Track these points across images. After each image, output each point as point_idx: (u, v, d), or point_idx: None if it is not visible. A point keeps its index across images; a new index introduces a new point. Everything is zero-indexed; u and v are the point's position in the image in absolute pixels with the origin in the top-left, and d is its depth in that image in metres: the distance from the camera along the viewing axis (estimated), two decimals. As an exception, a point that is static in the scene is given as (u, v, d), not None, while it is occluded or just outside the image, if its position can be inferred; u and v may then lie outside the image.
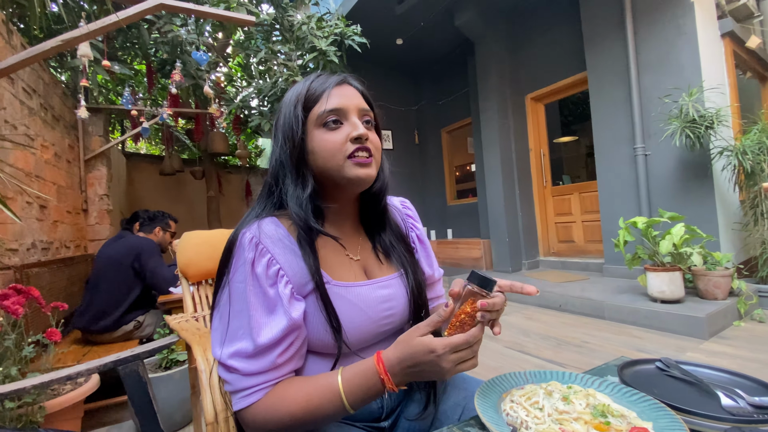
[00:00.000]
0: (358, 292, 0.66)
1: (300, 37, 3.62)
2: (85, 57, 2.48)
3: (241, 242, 0.61)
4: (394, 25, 5.22)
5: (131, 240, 2.27)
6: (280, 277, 0.60)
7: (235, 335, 0.58)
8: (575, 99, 6.41)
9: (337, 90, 0.66)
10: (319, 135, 0.65)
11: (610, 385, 0.60)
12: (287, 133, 0.66)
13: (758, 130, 3.10)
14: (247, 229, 0.62)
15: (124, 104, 3.03)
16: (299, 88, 0.68)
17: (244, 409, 0.58)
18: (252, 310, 0.58)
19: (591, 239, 4.61)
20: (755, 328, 2.67)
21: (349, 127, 0.65)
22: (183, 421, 1.84)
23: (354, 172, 0.64)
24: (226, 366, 0.58)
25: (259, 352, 0.57)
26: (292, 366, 0.61)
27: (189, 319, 1.13)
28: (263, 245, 0.60)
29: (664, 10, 3.49)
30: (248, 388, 0.57)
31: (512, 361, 2.44)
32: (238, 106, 4.09)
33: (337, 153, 0.64)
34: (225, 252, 0.64)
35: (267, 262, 0.59)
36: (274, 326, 0.57)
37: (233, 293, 0.60)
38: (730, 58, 3.80)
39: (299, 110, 0.66)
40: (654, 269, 2.89)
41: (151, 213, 2.55)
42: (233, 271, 0.61)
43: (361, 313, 0.65)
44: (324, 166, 0.65)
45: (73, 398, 1.44)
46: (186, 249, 1.26)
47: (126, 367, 1.00)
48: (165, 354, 1.84)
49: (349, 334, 0.63)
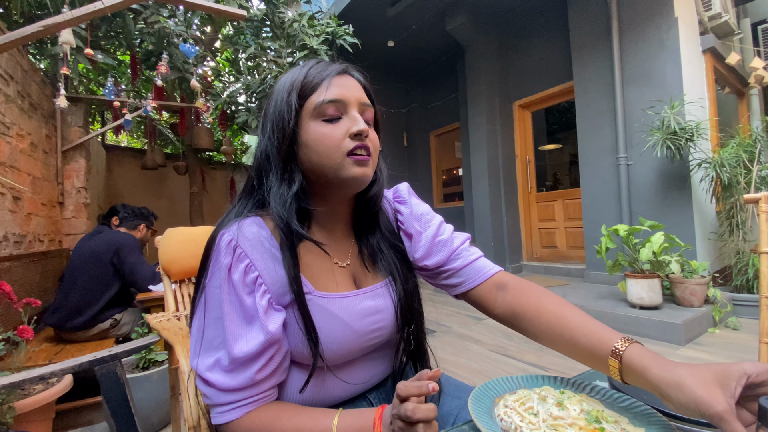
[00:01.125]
0: (343, 304, 0.61)
1: (291, 34, 3.58)
2: (67, 44, 2.39)
3: (218, 245, 0.56)
4: (386, 27, 5.23)
5: (111, 235, 2.19)
6: (257, 285, 0.55)
7: (211, 344, 0.55)
8: (561, 108, 6.54)
9: (338, 79, 0.60)
10: (315, 128, 0.59)
11: (601, 390, 0.60)
12: (277, 123, 0.60)
13: (735, 144, 3.22)
14: (226, 230, 0.57)
15: (106, 95, 2.94)
16: (295, 74, 0.62)
17: (224, 424, 0.54)
18: (227, 320, 0.53)
19: (573, 245, 4.70)
20: (729, 335, 2.76)
21: (348, 121, 0.59)
22: (160, 423, 1.79)
23: (351, 171, 0.58)
24: (203, 379, 0.54)
25: (235, 367, 0.53)
26: (273, 381, 0.57)
27: (171, 318, 1.09)
28: (242, 249, 0.55)
29: (649, 24, 3.59)
30: (226, 404, 0.54)
31: (496, 364, 2.46)
32: (225, 101, 4.02)
33: (335, 149, 0.58)
34: (203, 254, 0.60)
35: (245, 269, 0.55)
36: (251, 339, 0.53)
37: (209, 299, 0.56)
38: (710, 73, 3.94)
39: (293, 98, 0.59)
40: (634, 276, 2.96)
41: (135, 209, 2.45)
42: (210, 276, 0.56)
43: (344, 327, 0.60)
44: (318, 163, 0.59)
45: (45, 399, 1.38)
46: (168, 246, 1.22)
47: (103, 368, 0.96)
48: (143, 354, 1.78)
49: (331, 349, 0.59)
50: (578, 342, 0.59)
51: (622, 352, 0.52)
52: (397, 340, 0.69)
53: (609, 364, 0.54)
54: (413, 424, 0.47)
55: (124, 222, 2.39)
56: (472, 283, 0.73)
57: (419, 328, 0.71)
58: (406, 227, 0.74)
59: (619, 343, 0.53)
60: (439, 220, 0.78)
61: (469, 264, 0.74)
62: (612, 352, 0.53)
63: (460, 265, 0.73)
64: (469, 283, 0.73)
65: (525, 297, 0.67)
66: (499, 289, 0.71)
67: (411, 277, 0.71)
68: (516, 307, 0.67)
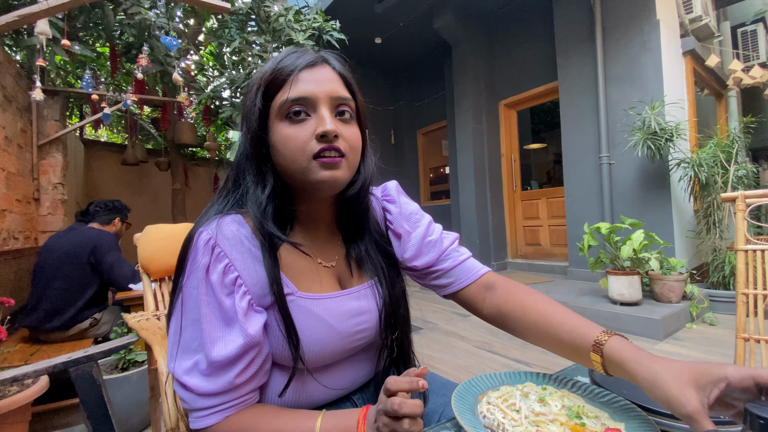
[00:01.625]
0: (327, 305, 0.59)
1: (276, 28, 3.53)
2: (43, 35, 2.31)
3: (196, 243, 0.54)
4: (374, 24, 5.20)
5: (86, 233, 2.09)
6: (237, 286, 0.53)
7: (188, 347, 0.53)
8: (546, 107, 6.64)
9: (307, 73, 0.56)
10: (281, 129, 0.55)
11: (583, 385, 0.61)
12: (247, 122, 0.58)
13: (713, 145, 3.31)
14: (204, 228, 0.54)
15: (84, 87, 2.84)
16: (266, 68, 0.58)
17: (202, 429, 0.53)
18: (205, 322, 0.51)
19: (557, 243, 4.78)
20: (706, 330, 2.85)
21: (316, 121, 0.55)
22: (140, 425, 1.75)
23: (318, 175, 0.54)
24: (181, 383, 0.52)
25: (214, 371, 0.51)
26: (253, 385, 0.55)
27: (150, 317, 1.06)
28: (221, 248, 0.53)
29: (632, 26, 3.66)
30: (205, 408, 0.52)
31: (481, 360, 2.48)
32: (208, 96, 3.94)
33: (300, 152, 0.54)
34: (180, 253, 0.57)
35: (223, 269, 0.52)
36: (230, 342, 0.51)
37: (186, 300, 0.53)
38: (690, 75, 4.04)
39: (258, 97, 0.56)
40: (615, 273, 3.03)
41: (107, 202, 2.32)
42: (187, 276, 0.54)
43: (328, 329, 0.58)
44: (286, 166, 0.56)
45: (20, 401, 1.33)
46: (148, 243, 1.19)
47: (78, 369, 0.93)
48: (122, 354, 1.74)
49: (313, 351, 0.57)
50: (562, 338, 0.59)
51: (603, 346, 0.53)
52: (380, 344, 0.68)
53: (591, 359, 0.54)
54: (399, 419, 0.47)
55: (96, 217, 2.27)
56: (461, 284, 0.72)
57: (404, 335, 0.70)
58: (395, 227, 0.73)
59: (600, 337, 0.54)
60: (428, 220, 0.77)
61: (458, 265, 0.73)
62: (593, 346, 0.54)
63: (449, 266, 0.72)
64: (458, 284, 0.72)
65: (511, 296, 0.67)
66: (487, 290, 0.71)
67: (398, 282, 0.69)
68: (502, 307, 0.68)
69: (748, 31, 5.58)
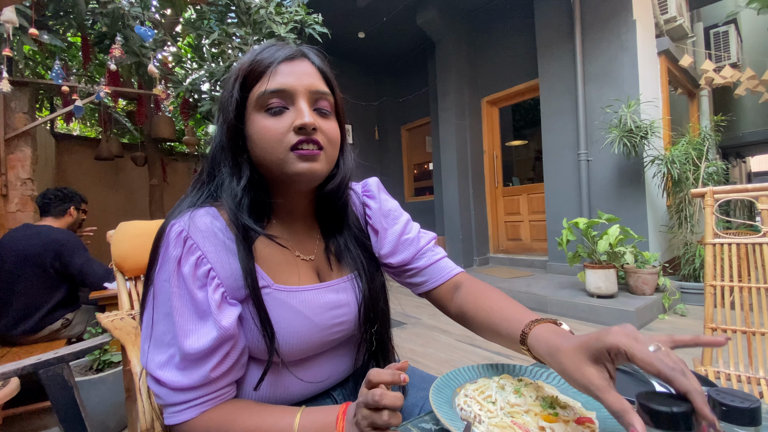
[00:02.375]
0: (304, 297, 0.59)
1: (257, 21, 3.46)
2: (9, 23, 2.20)
3: (168, 235, 0.53)
4: (357, 18, 5.16)
5: (46, 234, 1.92)
6: (210, 279, 0.52)
7: (161, 341, 0.52)
8: (527, 105, 6.72)
9: (286, 66, 0.56)
10: (259, 120, 0.55)
11: (557, 376, 0.62)
12: (224, 114, 0.58)
13: (685, 142, 3.43)
14: (177, 221, 0.54)
15: (53, 78, 2.73)
16: (245, 60, 0.58)
17: (177, 425, 0.51)
18: (177, 315, 0.50)
19: (537, 238, 4.87)
20: (677, 320, 2.96)
21: (294, 113, 0.55)
22: (117, 427, 1.71)
23: (295, 167, 0.54)
24: (155, 378, 0.51)
25: (188, 364, 0.50)
26: (230, 378, 0.54)
27: (124, 316, 1.03)
28: (193, 241, 0.52)
29: (610, 25, 3.74)
30: (180, 403, 0.51)
31: (463, 353, 2.52)
32: (187, 89, 3.83)
33: (277, 144, 0.54)
34: (153, 245, 0.56)
35: (196, 261, 0.52)
36: (203, 335, 0.50)
37: (158, 293, 0.53)
38: (664, 74, 4.16)
39: (236, 88, 0.56)
40: (592, 266, 3.11)
41: (57, 191, 2.12)
42: (159, 268, 0.53)
43: (305, 321, 0.58)
44: (263, 158, 0.56)
45: (-14, 405, 1.28)
46: (122, 240, 1.16)
47: (48, 371, 0.89)
48: (97, 355, 1.69)
49: (290, 344, 0.57)
50: (502, 331, 0.60)
51: (527, 337, 0.54)
52: (359, 338, 0.68)
53: (523, 351, 0.56)
54: (379, 410, 0.47)
55: (50, 210, 2.08)
56: (434, 283, 0.73)
57: (383, 329, 0.70)
58: (374, 222, 0.73)
59: (526, 328, 0.55)
60: (406, 218, 0.77)
61: (432, 264, 0.74)
62: (521, 337, 0.55)
63: (423, 265, 0.73)
64: (431, 283, 0.73)
65: (470, 295, 0.69)
66: (455, 290, 0.72)
67: (378, 276, 0.70)
68: (462, 306, 0.69)
69: (720, 32, 5.79)
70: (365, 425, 0.47)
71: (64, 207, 2.12)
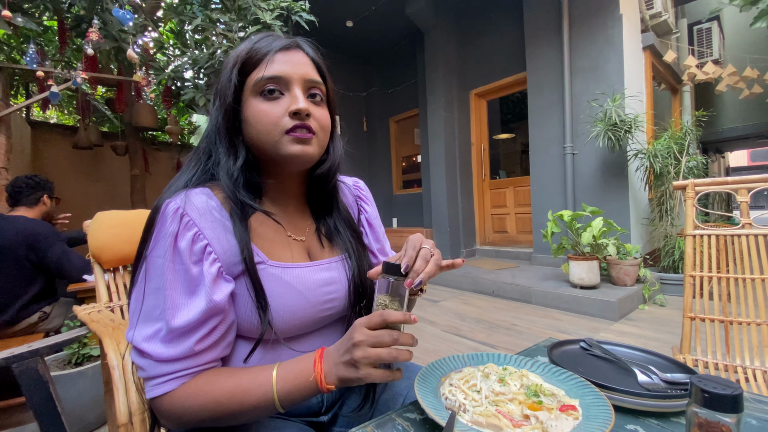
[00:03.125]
0: (297, 274, 0.61)
1: (242, 7, 3.37)
2: (-23, 4, 2.10)
3: (164, 213, 0.54)
4: (345, 6, 5.07)
5: (17, 225, 1.83)
6: (206, 253, 0.54)
7: (149, 316, 0.52)
8: (515, 98, 6.75)
9: (282, 55, 0.59)
10: (255, 104, 0.58)
11: (542, 365, 0.63)
12: (221, 97, 0.60)
13: (668, 137, 3.49)
14: (172, 199, 0.55)
15: (27, 63, 2.61)
16: (242, 48, 0.61)
17: (159, 397, 0.52)
18: (169, 288, 0.52)
19: (522, 230, 4.93)
20: (657, 311, 3.04)
21: (289, 99, 0.59)
22: (97, 421, 1.67)
23: (289, 149, 0.58)
24: (139, 350, 0.52)
25: (174, 337, 0.51)
26: (213, 355, 0.55)
27: (102, 309, 1.00)
28: (189, 217, 0.54)
29: (597, 20, 3.76)
30: (162, 375, 0.52)
31: (448, 344, 2.54)
32: (169, 76, 3.72)
33: (273, 127, 0.57)
34: (146, 224, 0.57)
35: (192, 237, 0.53)
36: (192, 309, 0.51)
37: (150, 269, 0.53)
38: (649, 69, 4.22)
39: (234, 74, 0.59)
40: (576, 258, 3.16)
41: (28, 180, 2.02)
42: (153, 245, 0.54)
43: (299, 296, 0.60)
44: (258, 140, 0.59)
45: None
46: (99, 231, 1.12)
47: (21, 365, 0.86)
48: (75, 349, 1.65)
49: (283, 319, 0.59)
50: None
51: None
52: (349, 316, 0.70)
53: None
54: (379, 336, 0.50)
55: (21, 199, 1.99)
56: None
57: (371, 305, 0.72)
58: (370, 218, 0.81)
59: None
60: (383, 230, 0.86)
61: None
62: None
63: None
64: None
65: None
66: None
67: (365, 258, 0.73)
68: None
69: (703, 29, 5.89)
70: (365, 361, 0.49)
71: (36, 196, 2.03)
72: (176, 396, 0.52)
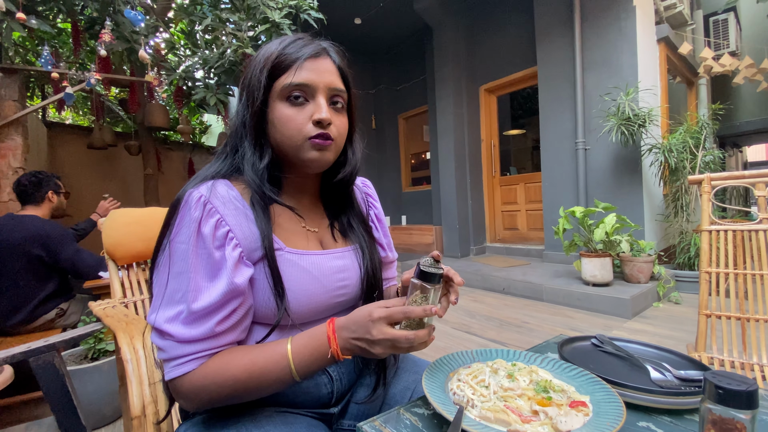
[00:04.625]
0: (313, 260, 0.64)
1: (251, 6, 3.39)
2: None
3: (187, 201, 0.57)
4: (353, 3, 5.07)
5: (30, 225, 1.86)
6: (228, 239, 0.56)
7: (172, 299, 0.54)
8: (525, 93, 6.66)
9: (310, 62, 0.62)
10: (281, 108, 0.61)
11: (551, 361, 0.62)
12: (249, 97, 0.63)
13: (683, 131, 3.41)
14: (195, 189, 0.58)
15: (42, 65, 2.67)
16: (271, 50, 0.63)
17: (178, 378, 0.53)
18: (192, 272, 0.54)
19: (533, 227, 4.88)
20: (672, 308, 2.98)
21: (313, 106, 0.61)
22: (113, 415, 1.71)
23: (309, 154, 0.62)
24: (160, 331, 0.54)
25: (196, 318, 0.53)
26: (232, 337, 0.57)
27: (116, 305, 1.02)
28: (212, 205, 0.56)
29: (609, 12, 3.69)
30: (183, 356, 0.53)
31: (458, 341, 2.53)
32: (180, 76, 3.77)
33: (297, 132, 0.61)
34: (168, 212, 0.60)
35: (215, 223, 0.56)
36: (213, 291, 0.53)
37: (174, 254, 0.55)
38: (663, 62, 4.12)
39: (264, 76, 0.61)
40: (588, 255, 3.12)
41: (31, 177, 2.03)
42: (176, 231, 0.56)
43: (315, 281, 0.63)
44: (282, 142, 0.62)
45: (-21, 394, 1.27)
46: (114, 229, 1.14)
47: (39, 359, 0.88)
48: (91, 343, 1.68)
49: (300, 303, 0.61)
50: None
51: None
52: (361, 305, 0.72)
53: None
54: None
55: (28, 197, 2.01)
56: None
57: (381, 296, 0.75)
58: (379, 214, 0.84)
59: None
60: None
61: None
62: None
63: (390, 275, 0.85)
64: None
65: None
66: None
67: (375, 250, 0.76)
68: None
69: (719, 20, 5.72)
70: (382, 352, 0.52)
71: (41, 193, 2.04)
72: (195, 376, 0.53)
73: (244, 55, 3.39)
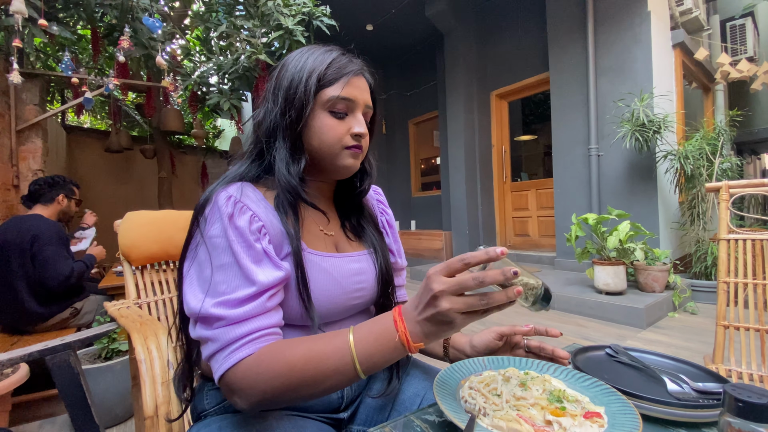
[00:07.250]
0: (333, 262, 0.66)
1: (265, 13, 3.44)
2: (19, 14, 2.22)
3: (216, 200, 0.58)
4: (365, 10, 5.11)
5: (27, 223, 1.88)
6: (263, 234, 0.58)
7: (215, 290, 0.53)
8: (536, 99, 6.64)
9: (354, 79, 0.66)
10: (324, 118, 0.64)
11: (565, 370, 0.61)
12: (292, 102, 0.63)
13: (699, 137, 3.35)
14: (223, 189, 0.59)
15: (63, 70, 2.75)
16: (319, 60, 0.65)
17: (233, 367, 0.50)
18: (241, 259, 0.54)
19: (545, 234, 4.82)
20: (688, 319, 2.91)
21: (353, 120, 0.65)
22: (124, 414, 1.73)
23: (346, 161, 0.65)
24: (208, 318, 0.52)
25: (245, 299, 0.52)
26: (279, 317, 0.57)
27: (131, 305, 1.04)
28: (243, 203, 0.58)
29: (623, 17, 3.66)
30: (237, 339, 0.51)
31: (468, 349, 2.50)
32: (195, 81, 3.84)
33: (336, 141, 0.64)
34: (195, 212, 0.60)
35: (249, 218, 0.57)
36: (268, 273, 0.55)
37: (213, 249, 0.55)
38: (679, 67, 4.06)
39: (312, 85, 0.63)
40: (601, 263, 3.07)
41: (48, 179, 2.07)
42: (208, 227, 0.57)
43: (334, 283, 0.64)
44: (319, 149, 0.65)
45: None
46: (129, 230, 1.16)
47: (54, 357, 0.90)
48: (105, 343, 1.71)
49: (320, 304, 0.62)
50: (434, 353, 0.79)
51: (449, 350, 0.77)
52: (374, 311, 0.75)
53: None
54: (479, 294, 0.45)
55: (40, 198, 2.04)
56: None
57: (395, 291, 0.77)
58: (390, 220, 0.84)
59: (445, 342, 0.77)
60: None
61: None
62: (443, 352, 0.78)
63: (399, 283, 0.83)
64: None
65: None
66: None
67: (388, 254, 0.77)
68: None
69: (736, 25, 5.62)
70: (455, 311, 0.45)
71: (52, 194, 2.07)
72: (250, 363, 0.50)
73: (257, 61, 3.44)
